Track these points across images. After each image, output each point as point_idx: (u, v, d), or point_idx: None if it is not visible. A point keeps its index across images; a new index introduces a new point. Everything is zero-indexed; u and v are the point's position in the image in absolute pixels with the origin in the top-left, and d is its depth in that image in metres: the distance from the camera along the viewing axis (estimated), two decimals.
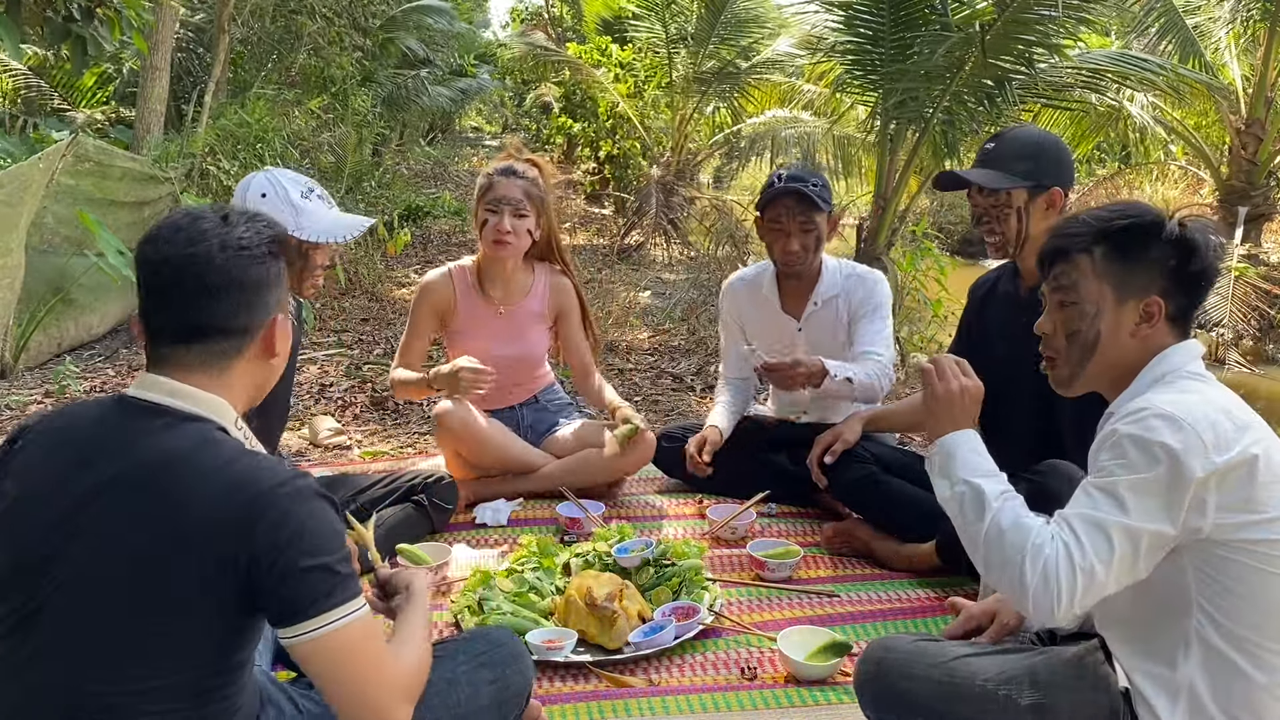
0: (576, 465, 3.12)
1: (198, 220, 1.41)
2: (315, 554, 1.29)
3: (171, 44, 7.29)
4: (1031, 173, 2.44)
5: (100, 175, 5.25)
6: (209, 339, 1.40)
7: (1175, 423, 1.38)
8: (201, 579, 1.27)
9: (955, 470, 1.57)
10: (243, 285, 1.40)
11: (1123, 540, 1.38)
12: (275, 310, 1.45)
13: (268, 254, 1.43)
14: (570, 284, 3.24)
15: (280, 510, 1.29)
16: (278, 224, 1.50)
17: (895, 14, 4.99)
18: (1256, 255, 8.93)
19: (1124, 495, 1.39)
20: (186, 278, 1.37)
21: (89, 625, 1.29)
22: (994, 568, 1.48)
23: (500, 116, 26.46)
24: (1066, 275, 1.59)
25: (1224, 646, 1.41)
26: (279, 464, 1.37)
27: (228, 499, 1.28)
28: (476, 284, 3.14)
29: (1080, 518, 1.41)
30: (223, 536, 1.27)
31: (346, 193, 8.97)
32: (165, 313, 1.40)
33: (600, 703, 2.08)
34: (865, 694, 1.74)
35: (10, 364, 4.73)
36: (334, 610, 1.29)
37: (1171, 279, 1.53)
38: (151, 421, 1.34)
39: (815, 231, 2.95)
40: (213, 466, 1.30)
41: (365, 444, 3.89)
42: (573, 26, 16.71)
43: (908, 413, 3.01)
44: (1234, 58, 9.38)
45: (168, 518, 1.28)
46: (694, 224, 9.31)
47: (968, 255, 11.67)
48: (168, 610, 1.28)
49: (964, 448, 1.59)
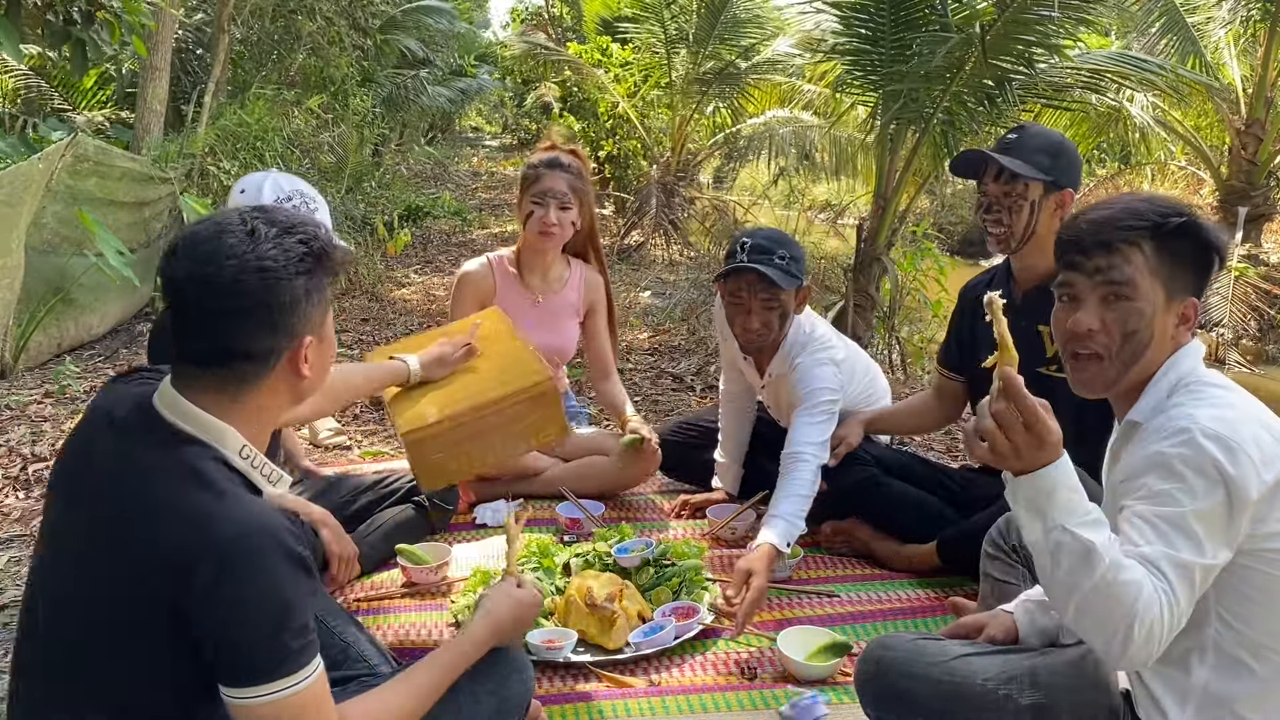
0: (582, 471, 3.12)
1: (221, 235, 1.30)
2: (248, 623, 1.23)
3: (171, 44, 7.29)
4: (1050, 169, 2.44)
5: (100, 175, 5.24)
6: (226, 364, 1.32)
7: (1226, 444, 1.34)
8: (150, 611, 1.24)
9: (1053, 514, 1.34)
10: (267, 307, 1.30)
11: (1204, 581, 1.36)
12: (305, 331, 1.34)
13: (296, 273, 1.31)
14: (603, 281, 3.29)
15: (226, 568, 1.21)
16: (317, 233, 1.36)
17: (895, 14, 4.98)
18: (1256, 255, 8.93)
19: (1196, 529, 1.33)
20: (203, 298, 1.29)
21: (66, 642, 1.30)
22: (1089, 623, 1.34)
23: (500, 116, 26.46)
24: (1118, 269, 1.49)
25: (1240, 652, 1.40)
26: (254, 511, 1.27)
27: (181, 539, 1.22)
28: (516, 272, 3.18)
29: (1169, 563, 1.33)
30: (165, 574, 1.22)
31: (346, 192, 8.97)
32: (183, 333, 1.33)
33: (600, 703, 2.08)
34: (866, 693, 1.73)
35: (10, 364, 4.73)
36: (263, 685, 1.24)
37: (1204, 278, 1.51)
38: (152, 436, 1.31)
39: (779, 309, 2.67)
40: (177, 501, 1.25)
41: (365, 444, 3.89)
42: (572, 26, 16.70)
43: (908, 414, 3.01)
44: (1234, 58, 9.38)
45: (127, 545, 1.25)
46: (694, 224, 9.32)
47: (968, 255, 11.68)
48: (126, 635, 1.26)
49: (1064, 486, 1.34)
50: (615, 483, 3.14)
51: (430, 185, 13.67)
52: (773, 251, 2.62)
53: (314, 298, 1.35)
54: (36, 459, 3.63)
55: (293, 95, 9.14)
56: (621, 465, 3.06)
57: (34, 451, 3.69)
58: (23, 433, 3.87)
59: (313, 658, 1.29)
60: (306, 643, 1.28)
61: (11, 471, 3.51)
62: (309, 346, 1.36)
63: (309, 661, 1.28)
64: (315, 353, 1.38)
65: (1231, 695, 1.41)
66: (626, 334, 6.03)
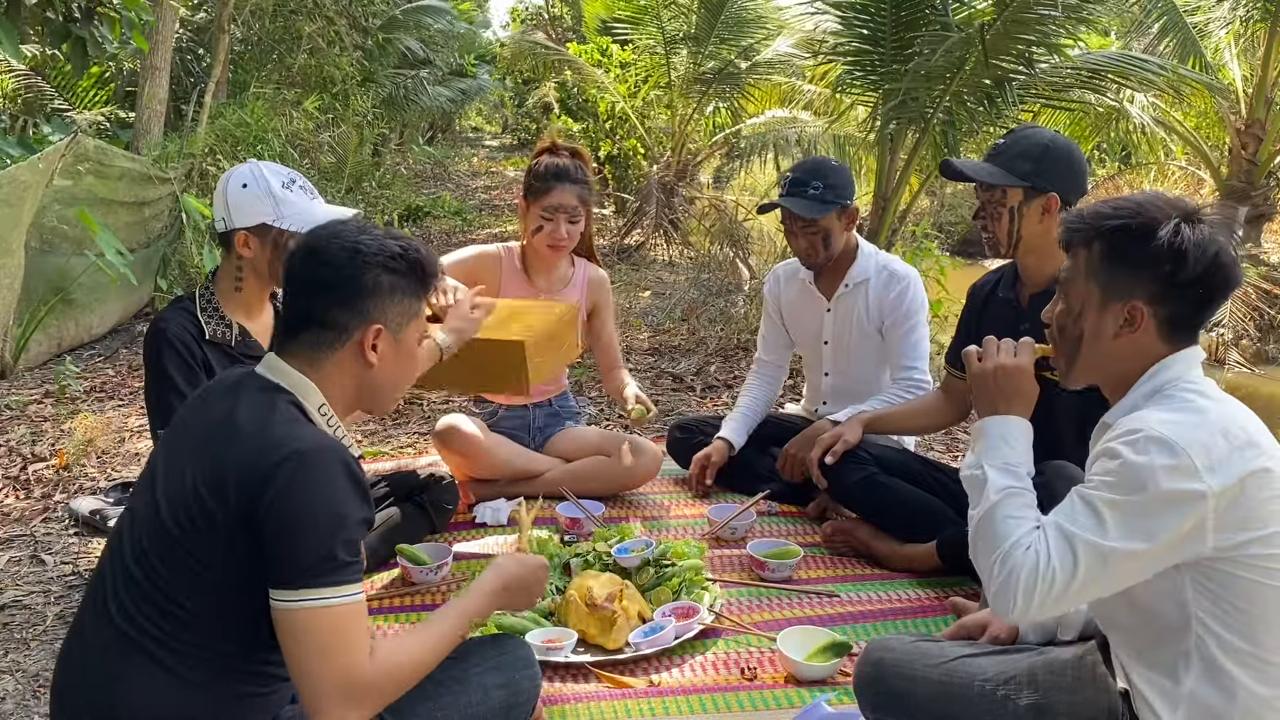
0: (584, 472, 3.12)
1: (341, 225, 1.57)
2: (306, 525, 1.36)
3: (171, 44, 7.29)
4: (1030, 174, 2.43)
5: (100, 175, 5.24)
6: (308, 328, 1.52)
7: (1169, 447, 1.35)
8: (227, 524, 1.39)
9: (979, 451, 1.58)
10: (348, 284, 1.50)
11: (1089, 557, 1.37)
12: (377, 319, 1.53)
13: (382, 265, 1.52)
14: (606, 279, 3.28)
15: (297, 473, 1.36)
16: (418, 246, 1.58)
17: (895, 14, 4.99)
18: (1257, 255, 8.93)
19: (1104, 512, 1.38)
20: (304, 265, 1.53)
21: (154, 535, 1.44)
22: (977, 557, 1.51)
23: (500, 116, 26.46)
24: (1067, 269, 1.57)
25: (1225, 661, 1.40)
26: (324, 435, 1.46)
27: (259, 449, 1.39)
28: (522, 270, 3.17)
29: (1055, 528, 1.42)
30: (243, 480, 1.38)
31: (346, 193, 8.97)
32: (287, 299, 1.56)
33: (600, 703, 2.09)
34: (864, 695, 1.74)
35: (10, 364, 4.73)
36: (307, 590, 1.35)
37: (1164, 285, 1.46)
38: (251, 386, 1.50)
39: (820, 233, 2.99)
40: (261, 424, 1.43)
41: (365, 444, 3.89)
42: (572, 27, 16.70)
43: (909, 415, 3.01)
44: (1234, 58, 9.38)
45: (214, 462, 1.41)
46: (694, 224, 9.30)
47: (968, 255, 11.66)
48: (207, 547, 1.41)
49: (993, 432, 1.59)
50: (617, 485, 3.14)
51: (430, 185, 13.67)
52: (807, 184, 2.97)
53: (396, 296, 1.54)
54: (36, 459, 3.63)
55: (293, 95, 9.13)
56: (632, 464, 3.08)
57: (34, 451, 3.70)
58: (23, 433, 3.87)
59: (358, 579, 1.40)
60: (355, 561, 1.40)
61: (11, 471, 3.52)
62: (379, 336, 1.53)
63: (354, 580, 1.39)
64: (389, 348, 1.55)
65: (1221, 705, 1.40)
66: (627, 334, 6.03)
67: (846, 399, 3.16)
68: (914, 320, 3.06)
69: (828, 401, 3.25)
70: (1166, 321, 1.48)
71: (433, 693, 1.54)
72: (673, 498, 3.23)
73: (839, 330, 3.16)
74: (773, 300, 3.35)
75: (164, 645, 1.41)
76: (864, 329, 3.11)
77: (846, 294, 3.12)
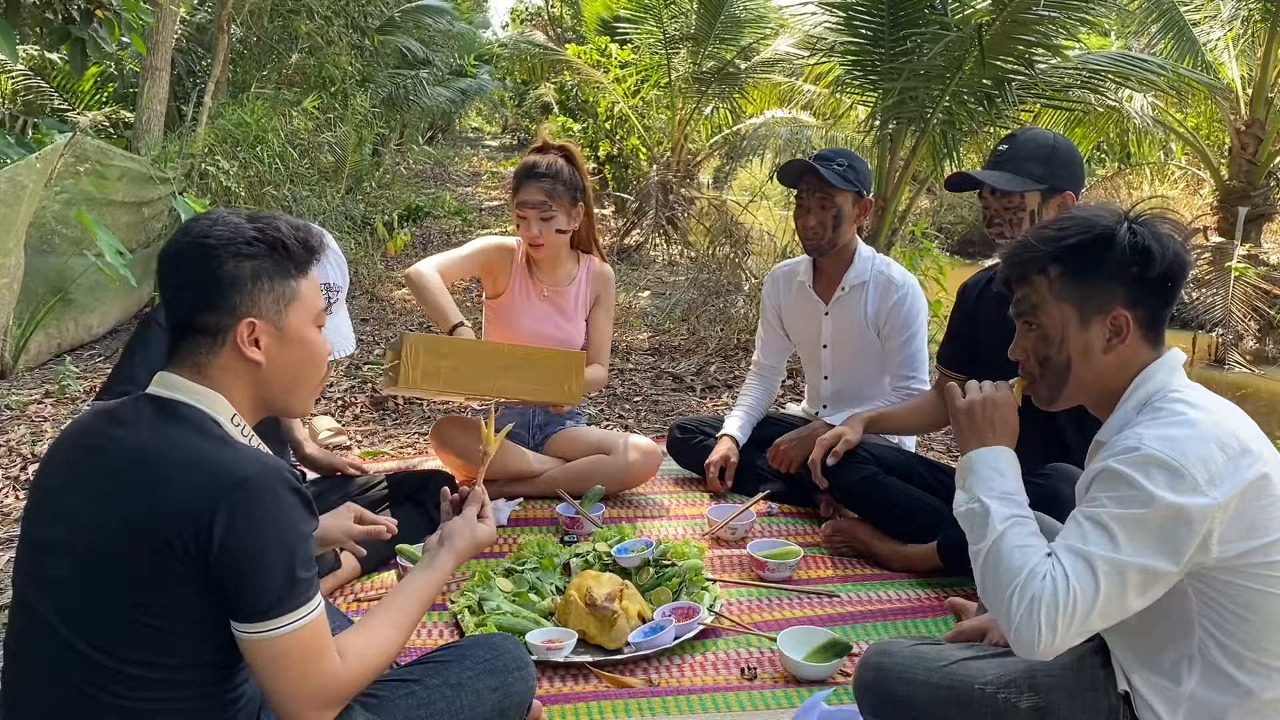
0: (583, 470, 3.11)
1: (204, 218, 1.43)
2: (264, 558, 1.29)
3: (171, 44, 7.28)
4: (1044, 176, 2.43)
5: (99, 175, 5.24)
6: (186, 338, 1.41)
7: (1167, 464, 1.34)
8: (175, 569, 1.28)
9: (971, 486, 1.54)
10: (205, 282, 1.38)
11: (1108, 574, 1.35)
12: (247, 313, 1.39)
13: (235, 254, 1.38)
14: (610, 274, 3.29)
15: (243, 508, 1.28)
16: (276, 223, 1.43)
17: (895, 14, 4.99)
18: (1256, 255, 8.92)
19: (1113, 528, 1.36)
20: (167, 273, 1.42)
21: (86, 598, 1.32)
22: (987, 593, 1.46)
23: (500, 116, 26.47)
24: (1027, 300, 1.56)
25: (1227, 665, 1.40)
26: (258, 455, 1.35)
27: (197, 486, 1.28)
28: (525, 264, 3.19)
29: (1068, 550, 1.38)
30: (184, 520, 1.27)
31: (346, 193, 8.97)
32: (164, 309, 1.44)
33: (600, 703, 2.08)
34: (864, 698, 1.74)
35: (10, 364, 4.73)
36: (274, 619, 1.30)
37: (1135, 286, 1.48)
38: (149, 411, 1.38)
39: (834, 210, 2.96)
40: (188, 453, 1.31)
41: (365, 444, 3.89)
42: (572, 27, 16.70)
43: (908, 414, 3.01)
44: (1234, 58, 9.38)
45: (139, 507, 1.29)
46: (694, 224, 9.30)
47: (968, 255, 11.68)
48: (147, 590, 1.30)
49: (984, 464, 1.56)
50: (615, 481, 3.13)
51: (430, 185, 13.67)
52: (832, 159, 2.95)
53: (263, 283, 1.40)
54: (36, 459, 3.63)
55: (292, 95, 9.13)
56: (631, 463, 3.10)
57: (34, 451, 3.69)
58: (23, 433, 3.87)
59: (317, 592, 1.35)
60: (312, 575, 1.34)
61: (11, 471, 3.51)
62: (256, 330, 1.40)
63: (315, 592, 1.34)
64: (272, 341, 1.42)
65: (1222, 707, 1.40)
66: (627, 334, 6.03)
67: (846, 403, 3.16)
68: (912, 330, 3.06)
69: (828, 405, 3.25)
70: (1144, 323, 1.50)
71: (425, 699, 1.54)
72: (673, 498, 3.23)
73: (838, 334, 3.15)
74: (771, 304, 3.35)
75: (131, 698, 1.32)
76: (863, 332, 3.10)
77: (844, 297, 3.11)
